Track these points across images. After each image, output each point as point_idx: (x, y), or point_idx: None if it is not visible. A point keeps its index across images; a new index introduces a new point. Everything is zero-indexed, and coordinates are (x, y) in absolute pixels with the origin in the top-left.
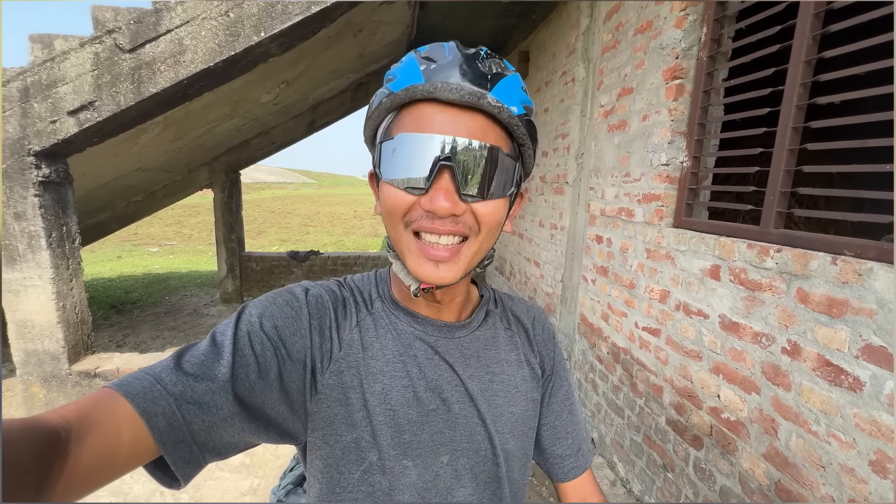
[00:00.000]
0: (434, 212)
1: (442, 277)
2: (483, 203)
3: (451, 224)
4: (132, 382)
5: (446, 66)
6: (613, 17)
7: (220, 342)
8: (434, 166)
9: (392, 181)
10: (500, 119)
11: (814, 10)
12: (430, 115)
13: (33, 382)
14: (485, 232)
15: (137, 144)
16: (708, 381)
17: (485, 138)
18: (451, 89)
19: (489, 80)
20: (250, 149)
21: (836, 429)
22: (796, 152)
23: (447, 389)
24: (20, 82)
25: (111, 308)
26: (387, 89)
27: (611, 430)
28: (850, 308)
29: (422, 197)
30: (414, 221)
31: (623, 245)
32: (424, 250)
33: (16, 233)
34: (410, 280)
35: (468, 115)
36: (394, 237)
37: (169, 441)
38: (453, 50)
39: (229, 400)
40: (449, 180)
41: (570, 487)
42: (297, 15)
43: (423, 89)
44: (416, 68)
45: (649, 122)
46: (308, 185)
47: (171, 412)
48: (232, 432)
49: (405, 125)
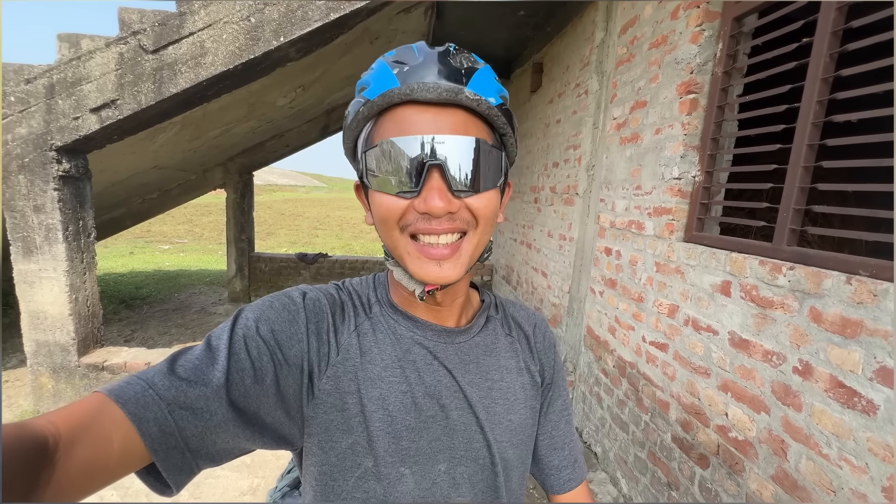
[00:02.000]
0: (430, 212)
1: (446, 276)
2: (476, 196)
3: (448, 222)
4: (124, 387)
5: (419, 66)
6: (629, 31)
7: (216, 346)
8: (422, 167)
9: (382, 188)
10: (480, 112)
11: (831, 28)
12: (410, 117)
13: (42, 373)
14: (482, 224)
15: (155, 143)
16: (716, 398)
17: (468, 133)
18: (428, 88)
19: (463, 74)
20: (264, 151)
21: (848, 452)
22: (811, 170)
23: (446, 396)
24: (46, 79)
25: (121, 303)
26: (362, 98)
27: (615, 445)
28: (864, 329)
29: (415, 199)
30: (410, 225)
31: (632, 258)
32: (425, 251)
33: (34, 225)
34: (414, 284)
35: (448, 112)
36: (390, 244)
37: (160, 448)
38: (423, 49)
39: (223, 405)
40: (440, 179)
41: (566, 500)
42: (316, 21)
43: (400, 92)
44: (389, 72)
45: (662, 136)
46: (319, 188)
47: (163, 418)
48: (226, 438)
49: (387, 131)
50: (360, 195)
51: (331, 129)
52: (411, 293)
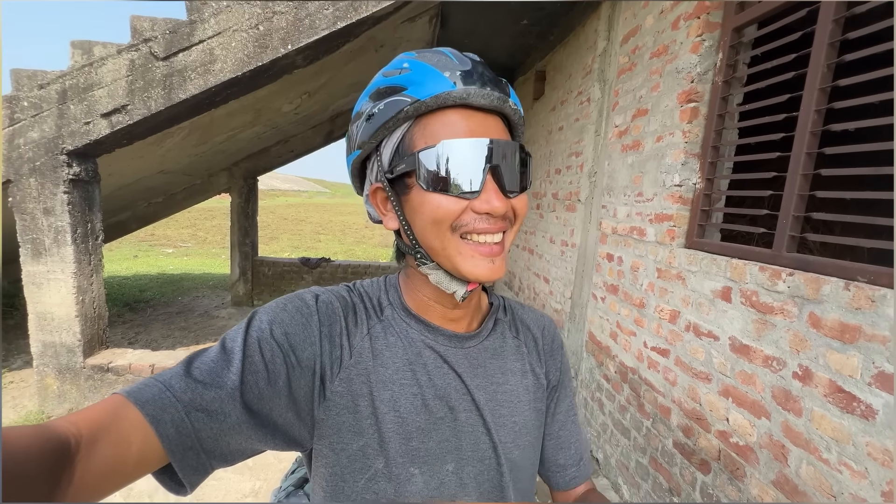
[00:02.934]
0: (492, 212)
1: (499, 271)
2: (519, 196)
3: (501, 221)
4: (142, 389)
5: (471, 72)
6: (630, 41)
7: (231, 349)
8: (485, 169)
9: (440, 189)
10: (514, 120)
11: (829, 40)
12: (461, 121)
13: (48, 374)
14: (519, 221)
15: (163, 147)
16: (717, 403)
17: (507, 137)
18: (484, 95)
19: (503, 84)
20: (269, 156)
21: (847, 457)
22: (810, 178)
23: (455, 398)
24: (59, 85)
25: (125, 306)
26: (407, 97)
27: (616, 451)
28: (862, 334)
29: (474, 200)
30: (465, 225)
31: (634, 264)
32: (479, 249)
33: (44, 227)
34: (456, 286)
35: (492, 118)
36: (438, 245)
37: (177, 449)
38: (459, 56)
39: (238, 407)
40: (496, 181)
41: (571, 496)
42: (323, 30)
43: (457, 95)
44: (440, 75)
45: (663, 144)
46: (322, 193)
47: (180, 420)
48: (239, 439)
49: (436, 132)
50: (378, 197)
51: (335, 135)
52: (434, 297)
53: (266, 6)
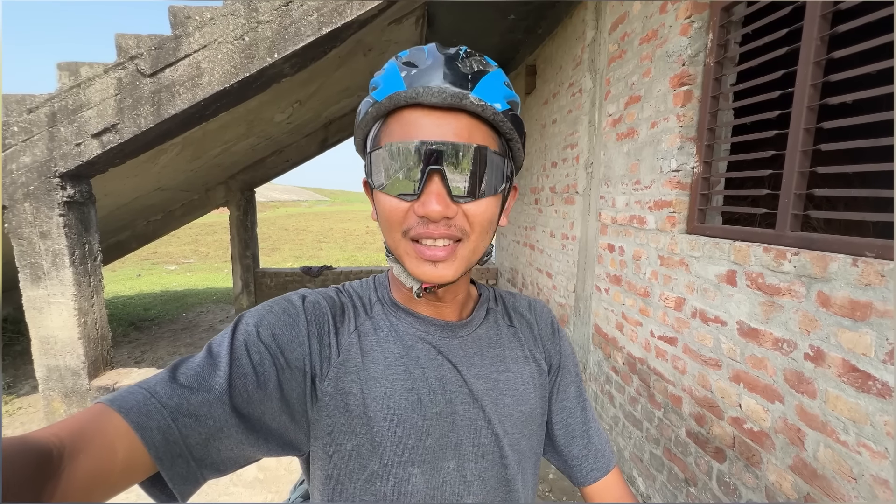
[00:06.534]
0: (427, 216)
1: (442, 275)
2: (474, 203)
3: (444, 228)
4: (126, 397)
5: (427, 69)
6: (619, 28)
7: (217, 353)
8: (423, 171)
9: (384, 190)
10: (485, 117)
11: (820, 12)
12: (414, 121)
13: (54, 397)
14: (477, 232)
15: (157, 165)
16: (728, 390)
17: (471, 138)
18: (433, 93)
19: (470, 79)
20: (265, 167)
21: (866, 438)
22: (810, 153)
23: (451, 391)
24: (48, 108)
25: (130, 325)
26: (371, 98)
27: (629, 443)
28: (874, 311)
29: (415, 203)
30: (411, 229)
31: (636, 253)
32: (421, 252)
33: (41, 251)
34: (412, 281)
35: (452, 117)
36: (392, 243)
37: (165, 456)
38: (433, 52)
39: (227, 411)
40: (439, 183)
41: (593, 491)
42: (308, 36)
43: (406, 96)
44: (398, 75)
45: (658, 129)
46: (321, 202)
47: (166, 426)
48: (230, 445)
49: (392, 133)
50: (367, 191)
51: (329, 142)
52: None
53: (250, 17)
